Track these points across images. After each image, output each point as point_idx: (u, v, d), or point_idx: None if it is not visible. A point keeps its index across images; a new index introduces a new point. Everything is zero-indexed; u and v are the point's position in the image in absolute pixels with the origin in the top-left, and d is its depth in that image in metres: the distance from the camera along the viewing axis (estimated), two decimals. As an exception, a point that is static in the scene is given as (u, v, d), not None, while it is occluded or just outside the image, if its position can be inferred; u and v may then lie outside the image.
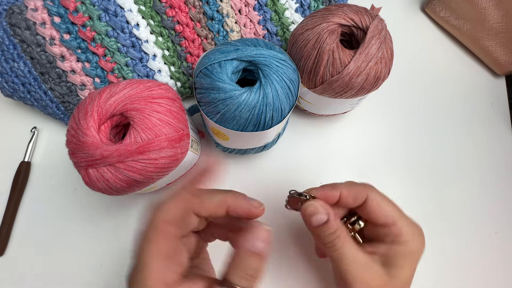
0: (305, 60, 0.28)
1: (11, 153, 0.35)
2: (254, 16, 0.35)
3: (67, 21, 0.31)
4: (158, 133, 0.23)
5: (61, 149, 0.35)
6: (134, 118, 0.23)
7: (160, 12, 0.33)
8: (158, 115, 0.24)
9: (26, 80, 0.32)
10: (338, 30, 0.27)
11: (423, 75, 0.42)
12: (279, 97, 0.25)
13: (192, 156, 0.29)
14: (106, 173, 0.23)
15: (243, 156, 0.36)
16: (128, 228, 0.33)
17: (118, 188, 0.24)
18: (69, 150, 0.24)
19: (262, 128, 0.26)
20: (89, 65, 0.32)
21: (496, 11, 0.39)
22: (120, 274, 0.32)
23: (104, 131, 0.24)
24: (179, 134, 0.25)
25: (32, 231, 0.33)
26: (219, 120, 0.26)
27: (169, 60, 0.34)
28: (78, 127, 0.23)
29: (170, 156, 0.24)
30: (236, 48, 0.25)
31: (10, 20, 0.30)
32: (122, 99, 0.23)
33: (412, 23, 0.44)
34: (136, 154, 0.23)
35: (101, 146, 0.22)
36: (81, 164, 0.23)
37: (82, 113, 0.23)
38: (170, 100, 0.25)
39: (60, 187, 0.34)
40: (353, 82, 0.27)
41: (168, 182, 0.30)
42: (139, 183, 0.24)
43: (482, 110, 0.41)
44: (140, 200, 0.34)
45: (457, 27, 0.42)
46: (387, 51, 0.27)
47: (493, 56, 0.41)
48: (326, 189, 0.24)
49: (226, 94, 0.24)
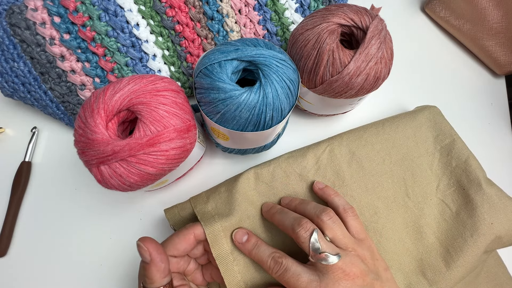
0: (305, 60, 0.28)
1: (11, 153, 0.35)
2: (254, 16, 0.35)
3: (67, 21, 0.31)
4: (166, 125, 0.24)
5: (62, 149, 0.35)
6: (141, 111, 0.23)
7: (160, 12, 0.33)
8: (164, 107, 0.24)
9: (26, 80, 0.32)
10: (338, 30, 0.27)
11: (423, 75, 0.42)
12: (279, 97, 0.25)
13: (199, 147, 0.29)
14: (119, 168, 0.23)
15: (243, 156, 0.36)
16: (128, 228, 0.33)
17: (132, 183, 0.24)
18: (78, 150, 0.24)
19: (262, 128, 0.26)
20: (89, 65, 0.32)
21: (496, 11, 0.39)
22: (120, 274, 0.32)
23: (112, 128, 0.24)
24: (187, 125, 0.25)
25: (33, 231, 0.33)
26: (219, 120, 0.26)
27: (169, 60, 0.34)
28: (86, 125, 0.23)
29: (180, 147, 0.24)
30: (236, 48, 0.25)
31: (10, 20, 0.30)
32: (127, 94, 0.23)
33: (412, 23, 0.44)
34: (147, 146, 0.23)
35: (111, 141, 0.22)
36: (92, 162, 0.23)
37: (89, 112, 0.23)
38: (174, 92, 0.25)
39: (61, 187, 0.34)
40: (353, 82, 0.27)
41: (178, 176, 0.30)
42: (152, 176, 0.24)
43: (482, 110, 0.41)
44: (140, 201, 0.34)
45: (457, 27, 0.42)
46: (387, 51, 0.27)
47: (493, 56, 0.41)
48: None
49: (226, 94, 0.24)
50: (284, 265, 0.24)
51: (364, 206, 0.30)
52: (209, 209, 0.28)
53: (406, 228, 0.30)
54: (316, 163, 0.31)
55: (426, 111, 0.34)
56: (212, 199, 0.29)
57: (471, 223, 0.29)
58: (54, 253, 0.32)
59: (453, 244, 0.29)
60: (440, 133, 0.33)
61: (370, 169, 0.31)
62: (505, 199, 0.29)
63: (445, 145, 0.32)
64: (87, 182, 0.34)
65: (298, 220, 0.25)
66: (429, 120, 0.33)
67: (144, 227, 0.33)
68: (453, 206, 0.30)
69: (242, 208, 0.28)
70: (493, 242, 0.29)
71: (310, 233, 0.24)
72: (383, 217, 0.30)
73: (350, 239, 0.25)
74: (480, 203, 0.29)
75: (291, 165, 0.31)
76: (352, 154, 0.32)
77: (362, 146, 0.32)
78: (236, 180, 0.30)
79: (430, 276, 0.28)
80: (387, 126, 0.33)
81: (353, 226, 0.26)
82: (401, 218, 0.30)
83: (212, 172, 0.35)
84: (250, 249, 0.26)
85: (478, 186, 0.30)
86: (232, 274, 0.26)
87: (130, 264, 0.32)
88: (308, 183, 0.30)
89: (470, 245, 0.28)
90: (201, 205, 0.28)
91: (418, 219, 0.30)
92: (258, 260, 0.25)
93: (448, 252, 0.29)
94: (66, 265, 0.32)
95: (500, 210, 0.29)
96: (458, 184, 0.31)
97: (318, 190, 0.29)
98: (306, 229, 0.24)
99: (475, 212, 0.29)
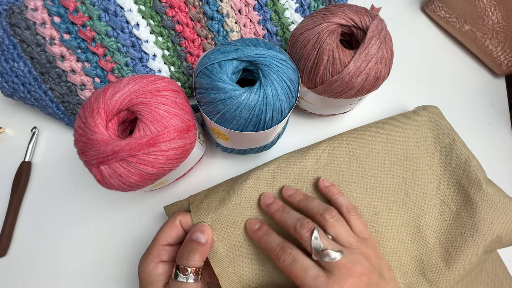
0: (305, 60, 0.28)
1: (11, 153, 0.35)
2: (254, 16, 0.35)
3: (67, 21, 0.31)
4: (166, 125, 0.24)
5: (62, 149, 0.35)
6: (141, 111, 0.23)
7: (160, 12, 0.33)
8: (164, 107, 0.24)
9: (26, 80, 0.32)
10: (338, 30, 0.27)
11: (423, 75, 0.42)
12: (279, 97, 0.25)
13: (199, 147, 0.29)
14: (119, 168, 0.23)
15: (243, 156, 0.36)
16: (128, 228, 0.33)
17: (132, 183, 0.24)
18: (78, 150, 0.24)
19: (262, 128, 0.26)
20: (89, 65, 0.32)
21: (496, 11, 0.39)
22: (120, 274, 0.32)
23: (112, 128, 0.24)
24: (187, 125, 0.25)
25: (33, 231, 0.33)
26: (219, 120, 0.26)
27: (169, 60, 0.34)
28: (86, 125, 0.23)
29: (180, 147, 0.24)
30: (236, 48, 0.25)
31: (10, 20, 0.30)
32: (127, 94, 0.23)
33: (412, 23, 0.44)
34: (147, 146, 0.23)
35: (111, 141, 0.22)
36: (92, 162, 0.23)
37: (89, 112, 0.23)
38: (174, 92, 0.25)
39: (61, 187, 0.34)
40: (353, 82, 0.27)
41: (178, 176, 0.30)
42: (152, 176, 0.24)
43: (482, 110, 0.41)
44: (140, 201, 0.34)
45: (457, 27, 0.42)
46: (387, 51, 0.27)
47: (493, 56, 0.41)
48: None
49: (226, 94, 0.24)
50: (292, 256, 0.24)
51: (364, 206, 0.30)
52: (202, 207, 0.28)
53: (406, 228, 0.30)
54: (316, 163, 0.31)
55: (426, 111, 0.34)
56: (209, 197, 0.29)
57: (471, 223, 0.29)
58: (54, 253, 0.32)
59: (453, 244, 0.29)
60: (440, 133, 0.33)
61: (370, 169, 0.31)
62: (505, 199, 0.29)
63: (445, 145, 0.32)
64: (87, 182, 0.34)
65: (300, 220, 0.25)
66: (429, 120, 0.33)
67: (144, 227, 0.33)
68: (453, 206, 0.30)
69: (237, 209, 0.28)
70: (493, 242, 0.29)
71: (311, 231, 0.24)
72: (383, 217, 0.30)
73: (353, 238, 0.25)
74: (480, 203, 0.29)
75: (291, 165, 0.31)
76: (352, 154, 0.32)
77: (362, 146, 0.32)
78: (235, 181, 0.30)
79: (430, 276, 0.28)
80: (387, 126, 0.33)
81: (356, 226, 0.26)
82: (401, 218, 0.30)
83: (212, 172, 0.35)
84: (260, 236, 0.26)
85: (478, 186, 0.30)
86: (227, 276, 0.26)
87: (130, 264, 0.32)
88: (308, 183, 0.30)
89: (470, 245, 0.28)
90: (197, 202, 0.29)
91: (418, 219, 0.30)
92: (267, 247, 0.26)
93: (448, 252, 0.29)
94: (66, 265, 0.32)
95: (500, 210, 0.29)
96: (458, 184, 0.31)
97: (323, 188, 0.29)
98: (307, 228, 0.24)
99: (475, 212, 0.29)
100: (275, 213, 0.27)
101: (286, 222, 0.26)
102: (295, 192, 0.29)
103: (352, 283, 0.22)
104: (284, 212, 0.27)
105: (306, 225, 0.24)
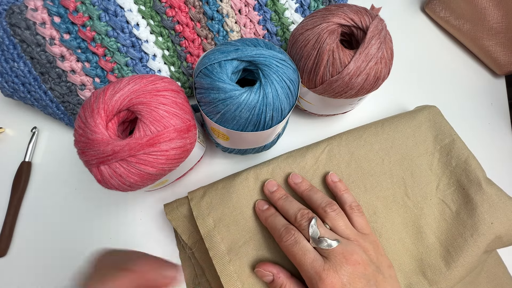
0: (305, 60, 0.28)
1: (11, 153, 0.35)
2: (254, 16, 0.35)
3: (67, 21, 0.31)
4: (166, 125, 0.24)
5: (62, 149, 0.35)
6: (141, 111, 0.23)
7: (160, 12, 0.33)
8: (164, 107, 0.24)
9: (26, 80, 0.32)
10: (338, 30, 0.27)
11: (423, 75, 0.42)
12: (279, 97, 0.25)
13: (199, 147, 0.29)
14: (119, 168, 0.23)
15: (243, 156, 0.36)
16: (128, 228, 0.33)
17: (132, 183, 0.24)
18: (78, 150, 0.24)
19: (262, 128, 0.26)
20: (89, 65, 0.32)
21: (496, 11, 0.39)
22: (120, 274, 0.32)
23: (112, 128, 0.24)
24: (187, 125, 0.25)
25: (33, 231, 0.33)
26: (219, 120, 0.26)
27: (169, 60, 0.34)
28: (85, 125, 0.23)
29: (180, 147, 0.24)
30: (236, 48, 0.25)
31: (10, 20, 0.30)
32: (127, 94, 0.23)
33: (412, 23, 0.44)
34: (147, 146, 0.23)
35: (111, 141, 0.22)
36: (92, 162, 0.23)
37: (89, 112, 0.23)
38: (174, 92, 0.25)
39: (61, 187, 0.34)
40: (353, 82, 0.27)
41: (178, 176, 0.31)
42: (152, 176, 0.24)
43: (482, 110, 0.41)
44: (140, 201, 0.34)
45: (457, 27, 0.42)
46: (387, 51, 0.27)
47: (493, 56, 0.41)
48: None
49: (226, 94, 0.24)
50: (295, 237, 0.25)
51: (363, 206, 0.30)
52: (204, 204, 0.29)
53: (406, 228, 0.30)
54: (315, 163, 0.31)
55: (425, 111, 0.34)
56: (208, 194, 0.29)
57: (471, 223, 0.29)
58: (54, 253, 0.32)
59: (453, 244, 0.29)
60: (439, 132, 0.33)
61: (369, 169, 0.31)
62: (505, 199, 0.29)
63: (445, 145, 0.32)
64: (87, 182, 0.34)
65: (301, 211, 0.26)
66: (428, 120, 0.33)
67: (144, 227, 0.33)
68: (453, 206, 0.30)
69: (237, 208, 0.29)
70: (493, 242, 0.29)
71: (310, 220, 0.25)
72: (382, 217, 0.30)
73: (352, 231, 0.26)
74: (480, 203, 0.29)
75: (290, 165, 0.31)
76: (351, 154, 0.32)
77: (361, 146, 0.32)
78: (234, 179, 0.30)
79: (430, 276, 0.28)
80: (386, 126, 0.33)
81: (357, 222, 0.27)
82: (401, 218, 0.30)
83: (212, 172, 0.35)
84: (267, 215, 0.27)
85: (478, 186, 0.30)
86: (228, 274, 0.26)
87: (130, 264, 0.32)
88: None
89: (470, 245, 0.28)
90: (197, 199, 0.29)
91: (418, 219, 0.30)
92: (272, 227, 0.27)
93: (448, 252, 0.29)
94: (66, 265, 0.32)
95: (500, 210, 0.29)
96: (458, 184, 0.31)
97: (331, 183, 0.30)
98: (306, 218, 0.25)
99: (475, 212, 0.29)
100: (278, 201, 0.28)
101: (288, 211, 0.27)
102: (302, 181, 0.29)
103: (347, 269, 0.23)
104: (287, 201, 0.27)
105: (305, 215, 0.25)
